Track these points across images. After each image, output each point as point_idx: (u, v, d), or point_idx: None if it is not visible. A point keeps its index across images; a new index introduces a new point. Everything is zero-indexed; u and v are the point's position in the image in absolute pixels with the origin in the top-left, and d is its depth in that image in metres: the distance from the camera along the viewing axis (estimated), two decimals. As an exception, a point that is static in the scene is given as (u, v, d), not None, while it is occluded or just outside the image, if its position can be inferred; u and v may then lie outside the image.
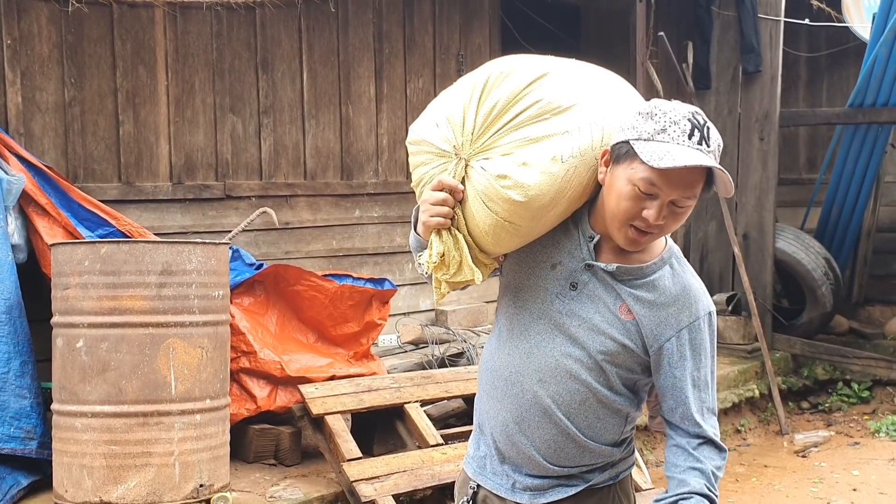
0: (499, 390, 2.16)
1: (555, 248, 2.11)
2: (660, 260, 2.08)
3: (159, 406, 3.78)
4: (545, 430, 2.09)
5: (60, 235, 4.35)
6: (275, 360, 4.48)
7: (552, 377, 2.07)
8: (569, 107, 2.00)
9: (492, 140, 2.00)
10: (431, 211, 2.04)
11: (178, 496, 3.79)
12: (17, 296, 4.20)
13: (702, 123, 1.93)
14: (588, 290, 2.07)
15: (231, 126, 5.50)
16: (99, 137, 5.06)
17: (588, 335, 2.05)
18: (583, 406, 2.08)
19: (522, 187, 1.96)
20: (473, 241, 2.06)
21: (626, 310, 2.05)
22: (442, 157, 2.05)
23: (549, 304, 2.10)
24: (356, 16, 6.02)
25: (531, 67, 2.04)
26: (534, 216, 2.00)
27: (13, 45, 4.73)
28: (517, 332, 2.14)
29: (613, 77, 2.19)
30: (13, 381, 4.10)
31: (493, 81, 2.02)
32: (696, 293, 2.08)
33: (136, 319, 3.78)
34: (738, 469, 5.84)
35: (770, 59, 7.19)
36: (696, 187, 1.94)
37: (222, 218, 5.38)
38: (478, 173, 2.00)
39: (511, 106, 1.99)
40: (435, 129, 2.06)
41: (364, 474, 4.08)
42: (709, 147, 1.92)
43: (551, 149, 1.97)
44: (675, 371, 2.06)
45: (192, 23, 5.32)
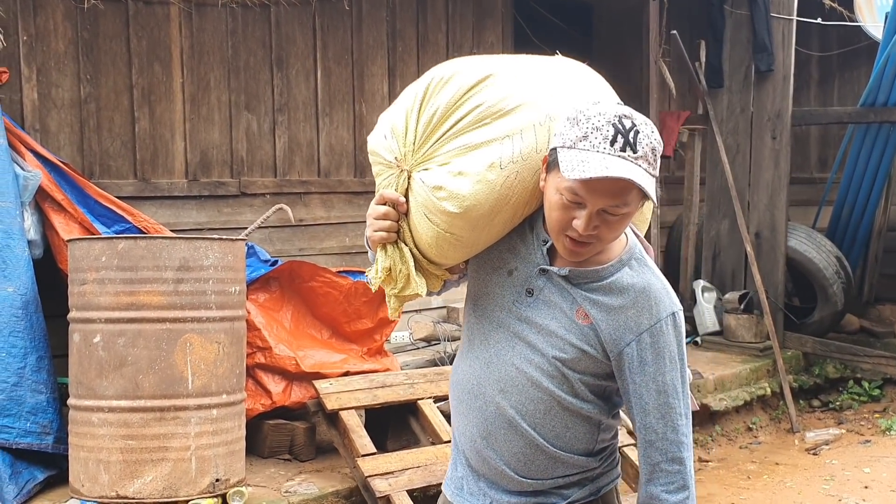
0: (464, 404, 2.08)
1: (511, 254, 2.03)
2: (617, 262, 1.98)
3: (176, 401, 3.80)
4: (512, 442, 2.01)
5: (77, 231, 4.38)
6: (289, 355, 4.50)
7: (513, 387, 1.99)
8: (512, 109, 1.91)
9: (432, 149, 1.92)
10: (375, 225, 1.98)
11: (194, 490, 3.81)
12: (33, 291, 4.23)
13: (627, 128, 1.81)
14: (544, 296, 1.98)
15: (246, 123, 5.53)
16: (115, 134, 5.08)
17: (546, 342, 1.96)
18: (548, 415, 1.99)
19: (457, 198, 1.88)
20: (421, 254, 2.00)
21: (584, 314, 1.96)
22: (390, 169, 1.97)
23: (506, 311, 2.02)
24: (370, 14, 6.04)
25: (474, 70, 1.94)
26: (473, 226, 1.92)
27: (29, 41, 4.76)
28: (478, 342, 2.06)
29: (575, 71, 2.08)
30: (29, 376, 4.13)
31: (434, 87, 1.93)
32: (657, 294, 1.96)
33: (154, 315, 3.80)
34: (750, 467, 5.84)
35: (782, 58, 7.18)
36: (625, 195, 1.82)
37: (237, 215, 5.41)
38: (418, 185, 1.92)
39: (451, 112, 1.91)
40: (383, 140, 1.99)
41: (378, 470, 4.09)
42: (635, 153, 1.80)
43: (489, 155, 1.88)
44: (636, 377, 1.95)
45: (207, 20, 5.34)
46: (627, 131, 1.80)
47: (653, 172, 1.84)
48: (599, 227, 1.86)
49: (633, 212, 1.88)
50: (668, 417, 1.96)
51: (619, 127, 1.80)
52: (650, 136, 1.82)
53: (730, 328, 7.10)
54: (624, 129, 1.81)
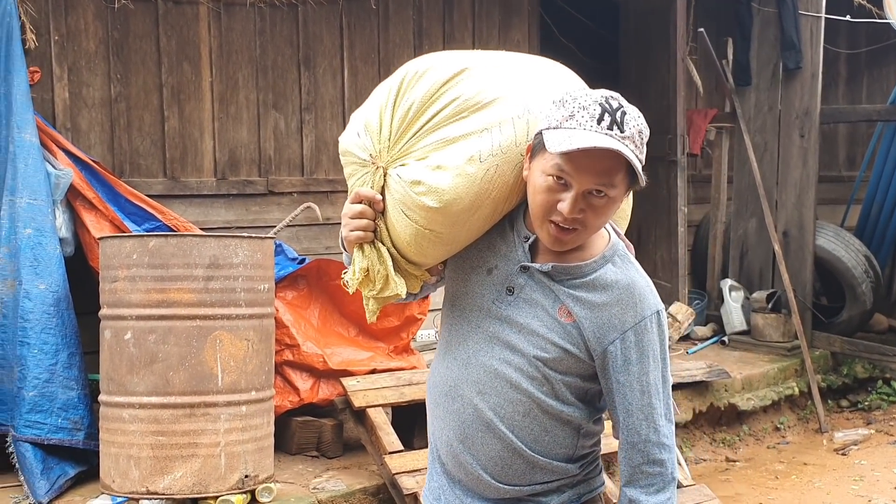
0: (441, 407, 2.02)
1: (490, 252, 1.98)
2: (600, 258, 1.93)
3: (206, 397, 3.83)
4: (489, 445, 1.95)
5: (107, 229, 4.42)
6: (317, 353, 4.53)
7: (491, 388, 1.93)
8: (489, 102, 1.87)
9: (408, 145, 1.87)
10: (351, 225, 1.93)
11: (223, 487, 3.84)
12: (64, 289, 4.27)
13: (615, 108, 1.77)
14: (525, 294, 1.93)
15: (274, 122, 5.56)
16: (144, 133, 5.13)
17: (526, 341, 1.91)
18: (527, 418, 1.93)
19: (436, 192, 1.83)
20: (399, 253, 1.95)
21: (566, 312, 1.90)
22: (364, 168, 1.92)
23: (486, 310, 1.96)
24: (397, 13, 6.06)
25: (449, 64, 1.91)
26: (454, 222, 1.87)
27: (60, 40, 4.81)
28: (455, 342, 2.00)
29: (549, 66, 2.05)
30: (61, 372, 4.18)
31: (409, 82, 1.89)
32: (641, 292, 1.92)
33: (184, 312, 3.84)
34: (778, 467, 5.81)
35: (811, 55, 7.12)
36: (611, 175, 1.79)
37: (265, 213, 5.44)
38: (394, 181, 1.87)
39: (427, 107, 1.86)
40: (356, 138, 1.94)
41: (406, 467, 4.11)
42: (622, 132, 1.76)
43: (468, 149, 1.84)
44: (620, 376, 1.91)
45: (235, 19, 5.38)
46: (615, 110, 1.77)
47: (640, 157, 1.80)
48: (585, 212, 1.81)
49: (618, 198, 1.84)
50: (651, 419, 1.93)
51: (606, 106, 1.77)
52: (637, 120, 1.80)
53: (757, 327, 7.06)
54: (611, 108, 1.77)
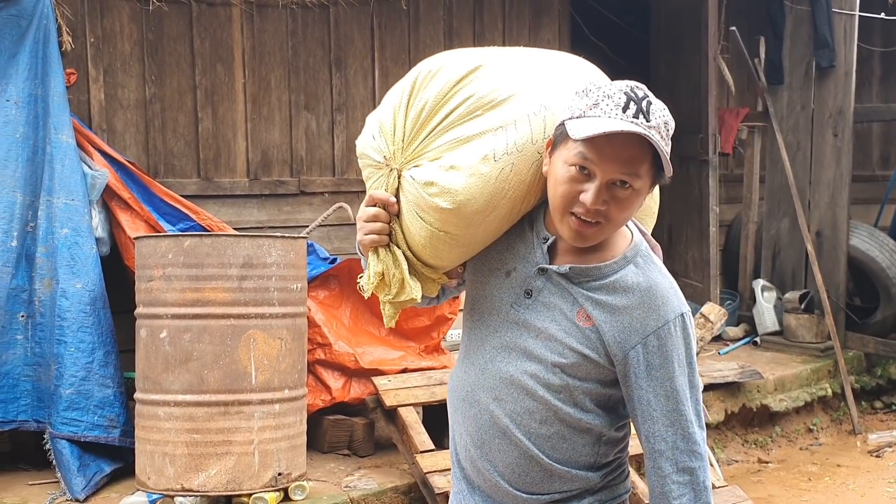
0: (459, 412, 1.98)
1: (510, 254, 1.92)
2: (621, 258, 1.85)
3: (240, 395, 3.87)
4: (506, 452, 1.90)
5: (143, 229, 4.47)
6: (349, 352, 4.56)
7: (508, 394, 1.88)
8: (504, 99, 1.82)
9: (422, 146, 1.83)
10: (365, 228, 1.89)
11: (257, 484, 3.87)
12: (100, 288, 4.33)
13: (640, 97, 1.72)
14: (543, 297, 1.86)
15: (305, 123, 5.60)
16: (179, 134, 5.18)
17: (544, 347, 1.85)
18: (544, 425, 1.87)
19: (449, 193, 1.79)
20: (415, 256, 1.90)
21: (585, 315, 1.83)
22: (380, 170, 1.88)
23: (504, 314, 1.90)
24: (427, 13, 6.08)
25: (463, 61, 1.86)
26: (468, 223, 1.82)
27: (96, 42, 4.87)
28: (474, 346, 1.95)
29: (568, 61, 1.99)
30: (97, 370, 4.23)
31: (422, 82, 1.85)
32: (664, 294, 1.84)
33: (219, 311, 3.87)
34: (811, 468, 5.77)
35: (844, 53, 7.06)
36: (636, 165, 1.73)
37: (297, 213, 5.48)
38: (408, 183, 1.83)
39: (441, 106, 1.82)
40: (371, 140, 1.90)
41: (437, 466, 4.12)
42: (648, 122, 1.70)
43: (482, 148, 1.79)
44: (642, 382, 1.83)
45: (268, 21, 5.42)
46: (640, 99, 1.72)
47: (665, 147, 1.74)
48: (608, 204, 1.75)
49: (643, 191, 1.78)
50: (678, 424, 1.84)
51: (632, 95, 1.72)
52: (663, 111, 1.74)
53: (790, 328, 7.01)
54: (636, 97, 1.72)
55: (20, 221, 4.32)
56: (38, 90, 4.42)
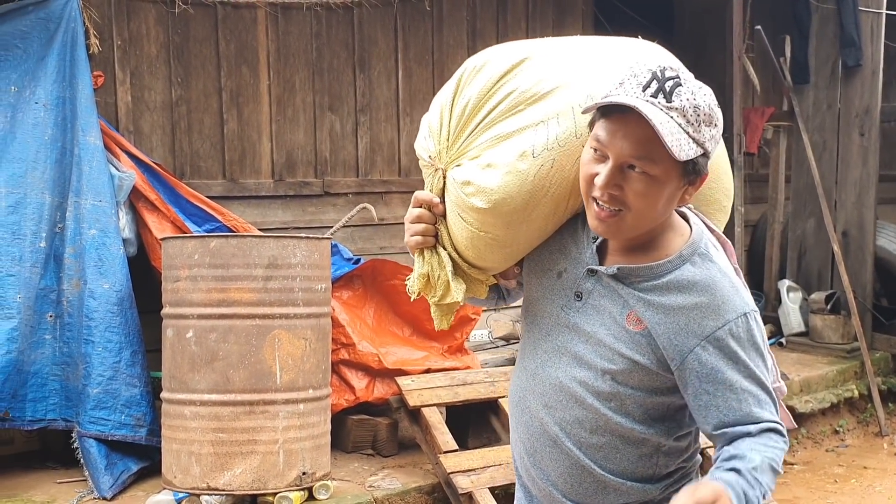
0: (514, 417, 1.91)
1: (561, 254, 1.84)
2: (676, 257, 1.73)
3: (265, 395, 3.90)
4: (557, 461, 1.82)
5: (169, 230, 4.51)
6: (372, 352, 4.58)
7: (557, 402, 1.79)
8: (547, 92, 1.74)
9: (465, 144, 1.78)
10: (410, 230, 1.86)
11: (281, 483, 3.90)
12: (127, 288, 4.37)
13: (666, 77, 1.61)
14: (593, 300, 1.77)
15: (329, 124, 5.62)
16: (204, 135, 5.22)
17: (594, 352, 1.75)
18: (595, 435, 1.77)
19: (485, 192, 1.73)
20: (460, 258, 1.86)
21: (635, 319, 1.73)
22: (428, 171, 1.85)
23: (555, 317, 1.82)
24: (451, 14, 6.09)
25: (508, 55, 1.78)
26: (507, 223, 1.76)
27: (123, 45, 4.92)
28: (528, 350, 1.89)
29: (632, 47, 1.87)
30: (124, 370, 4.28)
31: (466, 78, 1.79)
32: (724, 293, 1.70)
33: (244, 311, 3.90)
34: (837, 470, 5.73)
35: (871, 52, 7.00)
36: (647, 147, 1.60)
37: (321, 214, 5.51)
38: (450, 183, 1.79)
39: (484, 103, 1.76)
40: (422, 141, 1.87)
41: (460, 466, 4.13)
42: (668, 102, 1.59)
43: (520, 144, 1.72)
44: (706, 386, 1.69)
45: (292, 23, 5.45)
46: (665, 79, 1.61)
47: (692, 133, 1.60)
48: (623, 190, 1.64)
49: (663, 179, 1.64)
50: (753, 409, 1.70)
51: (658, 74, 1.62)
52: (697, 95, 1.61)
53: (816, 329, 6.96)
54: (661, 77, 1.61)
55: (49, 222, 4.37)
56: (66, 92, 4.48)
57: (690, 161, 1.63)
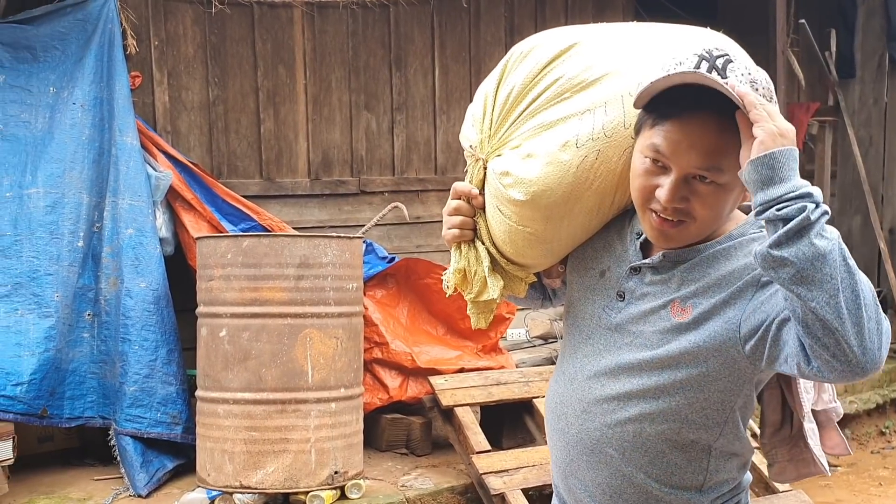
0: (550, 424, 1.81)
1: (606, 252, 1.75)
2: (725, 238, 1.62)
3: (297, 394, 3.91)
4: (597, 471, 1.70)
5: (205, 229, 4.54)
6: (406, 351, 4.57)
7: (598, 408, 1.68)
8: (595, 79, 1.64)
9: (507, 133, 1.69)
10: (448, 222, 1.78)
11: (313, 482, 3.91)
12: (164, 287, 4.41)
13: (715, 55, 1.49)
14: (636, 299, 1.67)
15: (366, 123, 5.63)
16: (241, 135, 5.25)
17: (638, 354, 1.64)
18: (638, 440, 1.65)
19: (523, 183, 1.65)
20: (499, 253, 1.78)
21: (679, 309, 1.60)
22: (471, 161, 1.77)
23: (596, 318, 1.72)
24: (488, 10, 6.05)
25: (556, 40, 1.69)
26: (547, 217, 1.67)
27: (160, 45, 4.97)
28: (568, 353, 1.79)
29: (690, 33, 1.74)
30: (160, 368, 4.32)
31: (512, 64, 1.71)
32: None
33: (276, 310, 3.92)
34: (882, 473, 5.61)
35: (920, 45, 6.86)
36: (716, 157, 1.49)
37: (357, 213, 5.52)
38: (490, 173, 1.71)
39: (529, 90, 1.67)
40: (468, 129, 1.79)
41: (493, 467, 4.11)
42: (723, 78, 1.46)
43: (564, 133, 1.63)
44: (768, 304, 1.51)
45: (329, 22, 5.46)
46: (714, 58, 1.49)
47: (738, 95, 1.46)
48: (689, 201, 1.53)
49: (732, 185, 1.52)
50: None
51: (706, 55, 1.49)
52: (751, 69, 1.49)
53: (861, 328, 6.82)
54: (710, 56, 1.49)
55: (87, 222, 4.43)
56: (104, 93, 4.53)
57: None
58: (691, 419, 1.62)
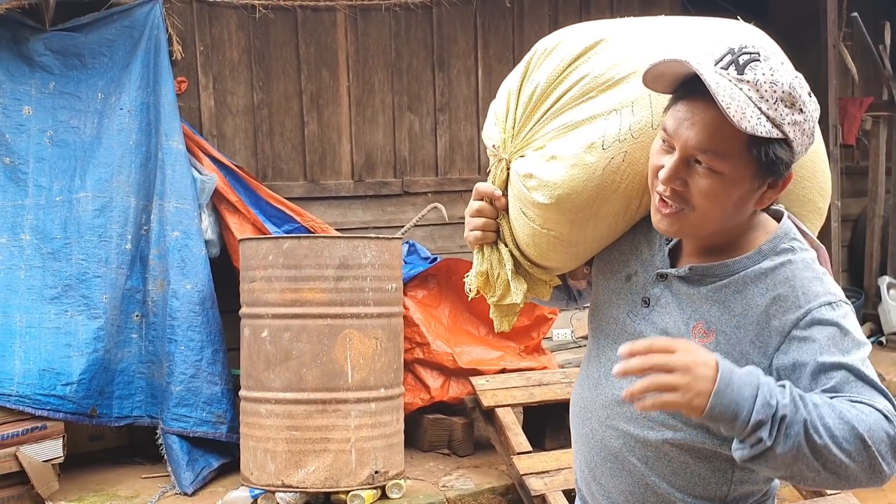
0: (575, 429, 1.80)
1: (633, 256, 1.71)
2: (755, 253, 1.57)
3: (337, 394, 3.94)
4: (619, 478, 1.68)
5: (250, 231, 4.60)
6: (447, 351, 4.58)
7: (621, 415, 1.65)
8: (622, 78, 1.60)
9: (531, 133, 1.66)
10: (470, 224, 1.75)
11: (354, 482, 3.94)
12: (209, 288, 4.48)
13: (742, 52, 1.46)
14: (661, 307, 1.63)
15: (408, 124, 5.65)
16: (286, 138, 5.31)
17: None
18: (661, 450, 1.62)
19: (547, 186, 1.61)
20: (523, 256, 1.74)
21: (702, 331, 1.57)
22: (494, 161, 1.73)
23: (621, 324, 1.69)
24: (532, 9, 6.03)
25: (582, 36, 1.65)
26: (572, 220, 1.63)
27: (205, 51, 5.04)
28: (592, 358, 1.76)
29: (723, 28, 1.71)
30: (206, 368, 4.39)
31: (536, 61, 1.67)
32: (803, 283, 1.52)
33: (316, 311, 3.95)
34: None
35: (978, 37, 6.67)
36: (718, 141, 1.46)
37: (400, 213, 5.54)
38: (513, 175, 1.67)
39: (553, 88, 1.63)
40: (490, 127, 1.76)
41: (534, 468, 4.10)
42: (739, 74, 1.44)
43: (589, 134, 1.59)
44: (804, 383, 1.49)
45: (371, 24, 5.49)
46: (740, 54, 1.46)
47: (765, 108, 1.43)
48: (687, 187, 1.50)
49: (734, 179, 1.48)
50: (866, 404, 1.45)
51: (734, 49, 1.47)
52: (777, 72, 1.45)
53: (918, 327, 6.68)
54: (736, 52, 1.47)
55: (134, 225, 4.51)
56: (150, 98, 4.61)
57: (765, 154, 1.46)
58: (715, 432, 1.56)
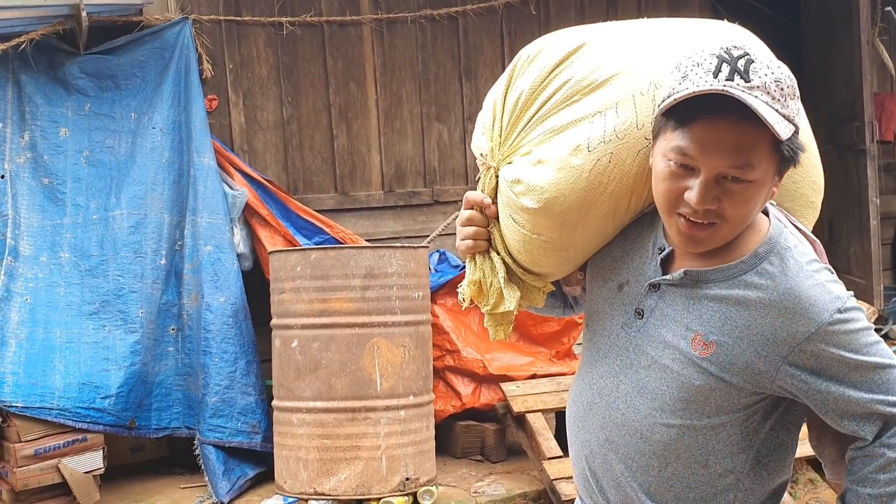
0: (572, 445, 1.77)
1: (624, 263, 1.68)
2: (751, 256, 1.55)
3: (366, 402, 3.99)
4: (617, 491, 1.66)
5: (280, 244, 4.67)
6: (477, 358, 4.60)
7: (620, 436, 1.62)
8: (605, 80, 1.60)
9: (518, 140, 1.67)
10: (461, 233, 1.76)
11: (385, 489, 3.98)
12: (242, 300, 4.56)
13: (735, 56, 1.44)
14: (655, 318, 1.60)
15: (437, 134, 5.69)
16: (315, 151, 5.38)
17: (658, 379, 1.58)
18: (665, 472, 1.60)
19: (535, 191, 1.61)
20: (515, 263, 1.74)
21: (702, 343, 1.54)
22: (483, 169, 1.75)
23: (614, 336, 1.66)
24: (558, 16, 6.05)
25: (564, 41, 1.66)
26: (561, 224, 1.63)
27: (235, 68, 5.13)
28: (585, 371, 1.73)
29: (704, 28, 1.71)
30: (240, 379, 4.47)
31: (520, 68, 1.68)
32: (808, 295, 1.51)
33: (344, 320, 4.01)
34: None
35: None
36: (746, 154, 1.44)
37: (431, 223, 5.57)
38: (502, 182, 1.68)
39: (537, 94, 1.64)
40: (478, 137, 1.77)
41: (565, 473, 4.10)
42: (747, 82, 1.42)
43: (574, 137, 1.59)
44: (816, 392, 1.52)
45: (397, 37, 5.55)
46: (735, 59, 1.44)
47: (780, 109, 1.44)
48: (721, 202, 1.47)
49: (764, 181, 1.48)
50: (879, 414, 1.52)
51: (725, 56, 1.45)
52: (772, 68, 1.45)
53: (964, 325, 6.54)
54: (730, 57, 1.44)
55: (168, 241, 4.62)
56: (181, 117, 4.72)
57: (788, 150, 1.47)
58: (715, 449, 1.58)
